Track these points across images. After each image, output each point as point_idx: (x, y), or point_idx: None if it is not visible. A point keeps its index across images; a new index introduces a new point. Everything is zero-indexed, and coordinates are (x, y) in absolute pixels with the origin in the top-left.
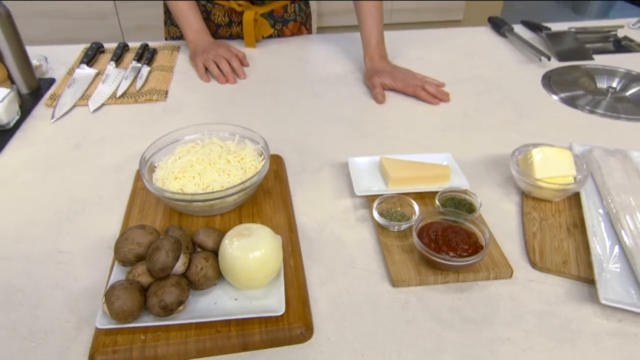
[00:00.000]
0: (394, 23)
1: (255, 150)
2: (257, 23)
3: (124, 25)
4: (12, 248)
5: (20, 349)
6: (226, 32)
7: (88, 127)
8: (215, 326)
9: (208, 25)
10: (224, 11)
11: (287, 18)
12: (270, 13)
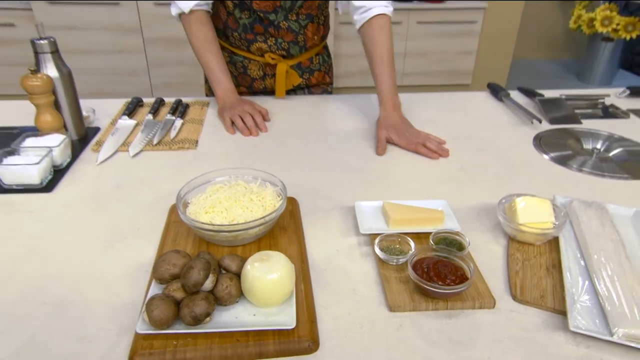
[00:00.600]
0: (405, 85)
1: (275, 192)
2: (287, 74)
3: (154, 82)
4: (65, 269)
5: (72, 350)
6: (260, 84)
7: (128, 170)
8: (235, 336)
9: (244, 78)
10: (259, 66)
11: (312, 68)
12: (299, 65)
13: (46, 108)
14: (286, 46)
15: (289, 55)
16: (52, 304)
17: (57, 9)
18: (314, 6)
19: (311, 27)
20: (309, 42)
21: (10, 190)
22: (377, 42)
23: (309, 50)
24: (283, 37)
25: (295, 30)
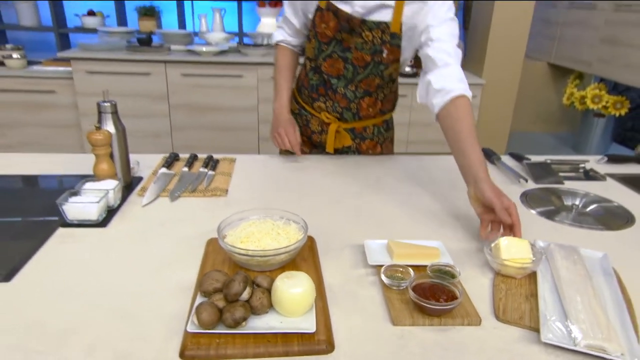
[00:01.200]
0: (409, 152)
1: (297, 228)
2: (340, 134)
3: (175, 143)
4: (122, 286)
5: (133, 346)
6: (317, 138)
7: (168, 211)
8: (266, 337)
9: (306, 130)
10: (319, 122)
11: (365, 136)
12: (352, 129)
13: (104, 158)
14: (340, 110)
15: (342, 118)
16: (113, 311)
17: (95, 78)
18: (372, 84)
19: (367, 100)
20: (362, 112)
21: (73, 225)
22: (462, 119)
23: (363, 120)
24: (338, 102)
25: (349, 99)
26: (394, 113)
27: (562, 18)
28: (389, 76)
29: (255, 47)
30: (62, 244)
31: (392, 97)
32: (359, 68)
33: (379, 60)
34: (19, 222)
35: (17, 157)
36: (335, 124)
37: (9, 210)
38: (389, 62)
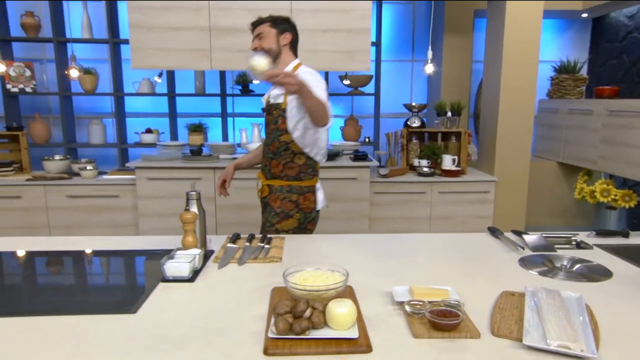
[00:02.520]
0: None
1: (340, 274)
2: (264, 187)
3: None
4: (214, 317)
5: (230, 351)
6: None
7: (238, 273)
8: (323, 342)
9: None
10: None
11: (273, 191)
12: (269, 185)
13: (190, 232)
14: (264, 168)
15: (265, 174)
16: (210, 331)
17: (154, 183)
18: (274, 149)
19: (274, 162)
20: (272, 170)
21: (169, 280)
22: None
23: (274, 178)
24: (264, 162)
25: (267, 158)
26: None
27: (565, 122)
28: (285, 144)
29: None
30: (165, 292)
31: (295, 168)
32: (269, 135)
33: (276, 128)
34: (131, 279)
35: (116, 239)
36: (262, 178)
37: (121, 271)
38: (282, 130)
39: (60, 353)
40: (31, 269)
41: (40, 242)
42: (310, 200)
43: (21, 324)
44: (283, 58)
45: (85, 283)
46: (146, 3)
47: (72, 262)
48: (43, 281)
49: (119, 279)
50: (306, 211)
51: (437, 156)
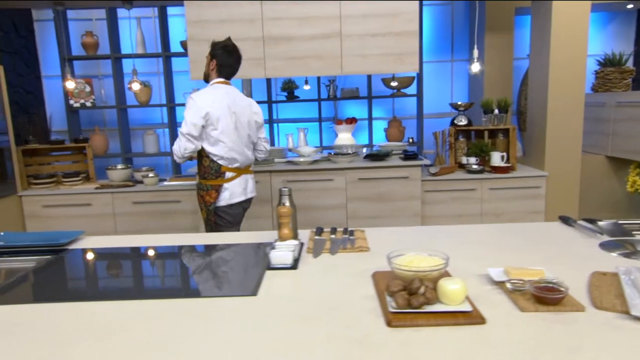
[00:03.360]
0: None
1: (440, 257)
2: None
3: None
4: (326, 297)
5: (355, 324)
6: None
7: (332, 261)
8: (441, 315)
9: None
10: None
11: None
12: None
13: (286, 225)
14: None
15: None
16: (330, 308)
17: None
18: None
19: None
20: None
21: (275, 268)
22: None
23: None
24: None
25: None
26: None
27: (612, 115)
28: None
29: (343, 155)
30: (274, 278)
31: (201, 168)
32: None
33: None
34: (238, 268)
35: (208, 235)
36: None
37: (228, 262)
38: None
39: (203, 329)
40: (161, 261)
41: (150, 239)
42: (211, 196)
43: (167, 305)
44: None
45: (204, 272)
46: (203, 17)
47: (186, 255)
48: (171, 271)
49: (229, 268)
50: (207, 205)
51: (485, 153)
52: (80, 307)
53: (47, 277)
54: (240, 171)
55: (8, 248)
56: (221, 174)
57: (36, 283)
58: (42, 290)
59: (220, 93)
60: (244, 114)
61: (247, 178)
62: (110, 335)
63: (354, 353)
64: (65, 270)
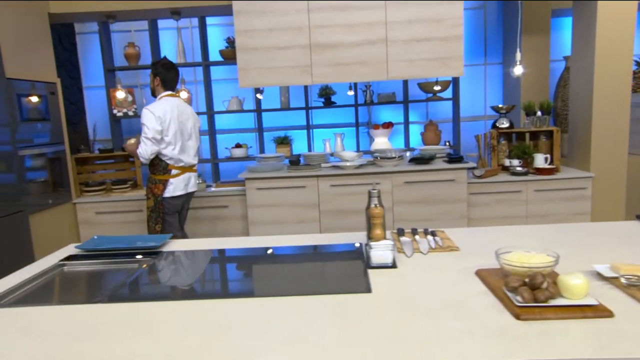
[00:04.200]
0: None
1: (550, 255)
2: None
3: None
4: (434, 295)
5: (484, 320)
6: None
7: (427, 260)
8: (567, 308)
9: None
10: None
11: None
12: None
13: (379, 226)
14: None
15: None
16: (447, 304)
17: (263, 193)
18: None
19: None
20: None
21: (375, 267)
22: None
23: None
24: None
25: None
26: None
27: None
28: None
29: (388, 159)
30: (378, 276)
31: (152, 165)
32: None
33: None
34: (339, 267)
35: (297, 237)
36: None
37: (328, 261)
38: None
39: (334, 322)
40: (260, 262)
41: (232, 242)
42: (159, 189)
43: (284, 303)
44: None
45: (305, 271)
46: (252, 26)
47: (280, 257)
48: (280, 271)
49: (328, 267)
50: (156, 195)
51: (528, 155)
52: (200, 304)
53: (158, 277)
54: (184, 169)
55: (107, 251)
56: (168, 171)
57: (151, 281)
58: (161, 288)
59: (170, 105)
60: (189, 122)
61: (190, 175)
62: (240, 330)
63: (498, 345)
64: (172, 269)
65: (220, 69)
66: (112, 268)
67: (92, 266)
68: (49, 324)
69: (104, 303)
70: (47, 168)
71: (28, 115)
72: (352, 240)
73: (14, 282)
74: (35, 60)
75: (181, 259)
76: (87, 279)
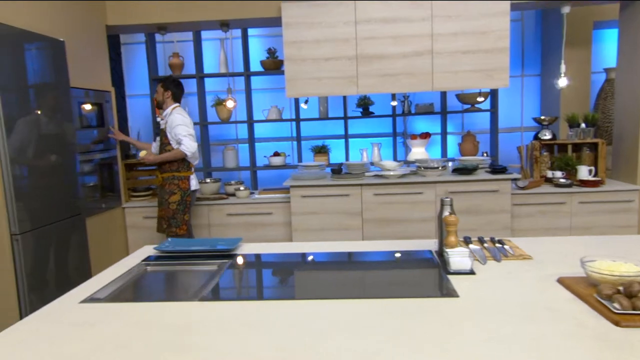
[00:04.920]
0: None
1: (634, 264)
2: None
3: None
4: (528, 300)
5: (576, 323)
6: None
7: (502, 267)
8: None
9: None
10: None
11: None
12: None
13: (453, 233)
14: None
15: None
16: (538, 309)
17: (307, 201)
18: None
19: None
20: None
21: (454, 273)
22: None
23: (165, 172)
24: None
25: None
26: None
27: None
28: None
29: (431, 169)
30: (460, 282)
31: (174, 164)
32: (162, 144)
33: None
34: (416, 272)
35: (364, 243)
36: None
37: (402, 266)
38: (166, 143)
39: (432, 323)
40: (338, 267)
41: (300, 246)
42: (185, 184)
43: (390, 304)
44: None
45: (386, 275)
46: (300, 38)
47: (357, 261)
48: (364, 275)
49: (411, 272)
50: (184, 190)
51: (571, 167)
52: (300, 305)
53: (247, 277)
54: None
55: (185, 253)
56: (190, 168)
57: (242, 281)
58: (252, 288)
59: (185, 113)
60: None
61: (195, 174)
62: (346, 330)
63: (603, 350)
64: (257, 271)
65: (258, 79)
66: (192, 269)
67: (172, 267)
68: (159, 318)
69: (203, 301)
70: (101, 173)
71: (86, 122)
72: (415, 247)
73: (106, 280)
74: (93, 70)
75: (262, 261)
76: (173, 278)
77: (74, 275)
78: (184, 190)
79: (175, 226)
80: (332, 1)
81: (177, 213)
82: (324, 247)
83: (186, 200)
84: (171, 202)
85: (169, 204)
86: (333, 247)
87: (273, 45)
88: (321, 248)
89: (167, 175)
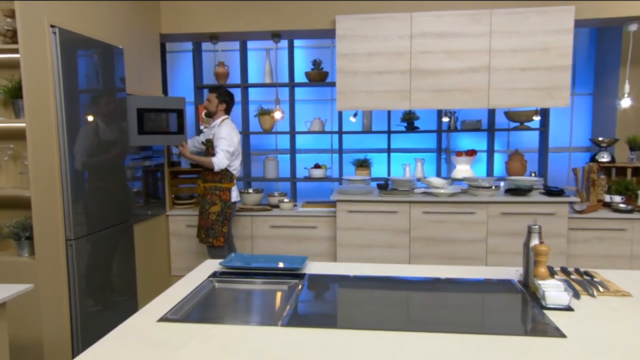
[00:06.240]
0: None
1: None
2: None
3: None
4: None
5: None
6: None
7: (600, 303)
8: None
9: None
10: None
11: (206, 190)
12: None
13: (543, 264)
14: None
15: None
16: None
17: (353, 216)
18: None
19: (207, 172)
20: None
21: (549, 308)
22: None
23: (207, 182)
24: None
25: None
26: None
27: None
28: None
29: (483, 189)
30: (560, 319)
31: (217, 175)
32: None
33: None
34: (506, 305)
35: (447, 268)
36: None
37: (489, 296)
38: (212, 154)
39: None
40: (417, 292)
41: (374, 268)
42: (226, 195)
43: (491, 341)
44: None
45: (470, 306)
46: (353, 50)
47: (436, 288)
48: (447, 303)
49: (496, 305)
50: (225, 201)
51: (632, 192)
52: (389, 336)
53: (324, 301)
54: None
55: (254, 270)
56: (232, 180)
57: (321, 307)
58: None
59: (234, 126)
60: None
61: (237, 185)
62: None
63: None
64: (332, 294)
65: (300, 90)
66: (262, 288)
67: (239, 284)
68: (244, 343)
69: (288, 327)
70: (148, 180)
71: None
72: (491, 275)
73: (178, 296)
74: (147, 77)
75: (336, 284)
76: (244, 297)
77: (120, 282)
78: (224, 202)
79: (212, 237)
80: (388, 14)
81: (216, 224)
82: (394, 270)
83: (226, 212)
84: (211, 212)
85: (209, 214)
86: (404, 270)
87: (317, 56)
88: (392, 271)
89: (209, 186)
